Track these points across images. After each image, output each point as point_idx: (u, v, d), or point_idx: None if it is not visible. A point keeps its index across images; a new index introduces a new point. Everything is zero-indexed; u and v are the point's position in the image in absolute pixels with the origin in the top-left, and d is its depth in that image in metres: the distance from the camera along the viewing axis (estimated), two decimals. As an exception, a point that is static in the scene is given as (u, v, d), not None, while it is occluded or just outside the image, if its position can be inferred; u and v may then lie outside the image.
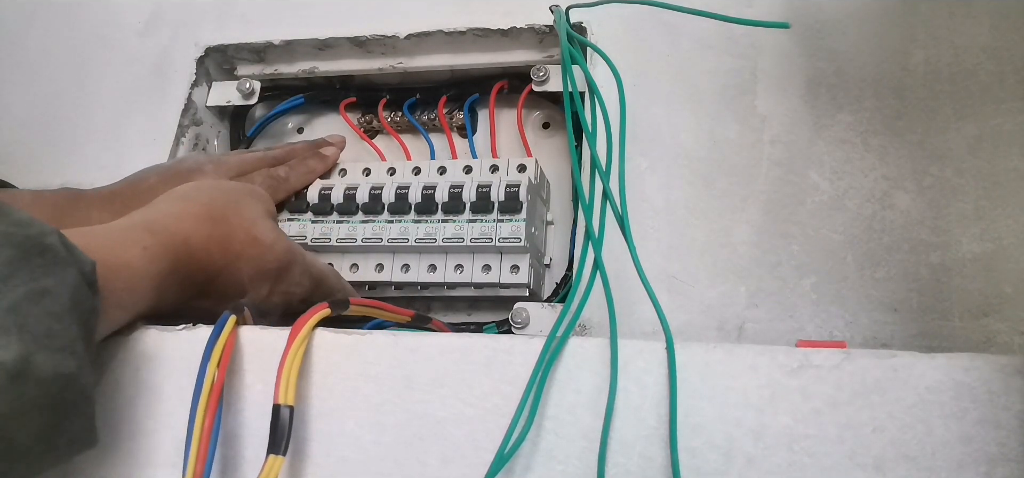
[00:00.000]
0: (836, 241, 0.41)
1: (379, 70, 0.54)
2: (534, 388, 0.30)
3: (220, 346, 0.31)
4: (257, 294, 0.41)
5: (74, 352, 0.27)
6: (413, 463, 0.30)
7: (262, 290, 0.41)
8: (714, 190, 0.44)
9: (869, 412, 0.28)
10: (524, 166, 0.47)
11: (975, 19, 0.44)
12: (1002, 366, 0.27)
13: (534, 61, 0.51)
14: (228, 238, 0.40)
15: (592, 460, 0.29)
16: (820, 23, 0.46)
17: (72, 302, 0.28)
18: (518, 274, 0.45)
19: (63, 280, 0.28)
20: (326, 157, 0.52)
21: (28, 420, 0.26)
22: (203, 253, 0.38)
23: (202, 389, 0.29)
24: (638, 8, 0.46)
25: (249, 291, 0.40)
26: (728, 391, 0.29)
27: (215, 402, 0.29)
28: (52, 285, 0.27)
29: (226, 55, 0.57)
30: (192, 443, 0.28)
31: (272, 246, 0.42)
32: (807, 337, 0.39)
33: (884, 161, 0.42)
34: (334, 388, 0.32)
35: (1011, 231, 0.39)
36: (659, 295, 0.33)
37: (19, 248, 0.27)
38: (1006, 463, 0.27)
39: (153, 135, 0.54)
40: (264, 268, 0.41)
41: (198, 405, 0.29)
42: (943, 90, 0.43)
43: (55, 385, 0.26)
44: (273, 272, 0.41)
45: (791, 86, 0.45)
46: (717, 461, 0.28)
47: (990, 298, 0.38)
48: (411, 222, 0.47)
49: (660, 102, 0.47)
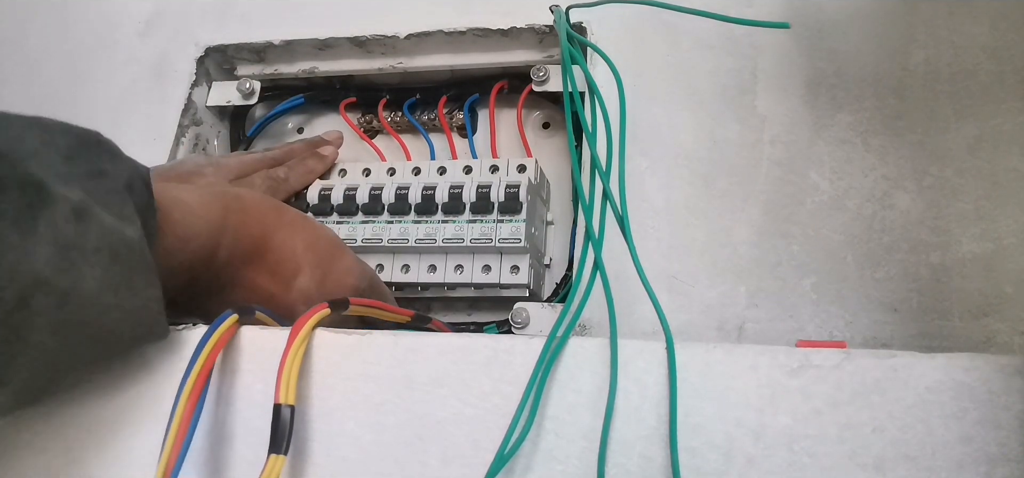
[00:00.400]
0: (836, 241, 0.41)
1: (379, 70, 0.54)
2: (534, 388, 0.30)
3: (214, 339, 0.31)
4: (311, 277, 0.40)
5: (133, 222, 0.29)
6: (413, 463, 0.30)
7: (315, 272, 0.40)
8: (714, 190, 0.44)
9: (869, 412, 0.28)
10: (524, 166, 0.47)
11: (975, 19, 0.44)
12: (1002, 366, 0.27)
13: (534, 61, 0.51)
14: (280, 207, 0.40)
15: (592, 460, 0.29)
16: (820, 23, 0.46)
17: (128, 186, 0.29)
18: (518, 274, 0.45)
19: (119, 168, 0.30)
20: (325, 156, 0.52)
21: (94, 262, 0.27)
22: (256, 210, 0.39)
23: (188, 378, 0.29)
24: (638, 8, 0.46)
25: (305, 266, 0.39)
26: (728, 391, 0.29)
27: (198, 392, 0.29)
28: (110, 169, 0.29)
29: (226, 55, 0.57)
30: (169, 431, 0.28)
31: (322, 227, 0.42)
32: (807, 337, 0.39)
33: (884, 161, 0.42)
34: (334, 388, 0.32)
35: (1011, 231, 0.39)
36: (659, 295, 0.33)
37: (80, 138, 0.29)
38: (1006, 463, 0.27)
39: (153, 135, 0.54)
40: (317, 240, 0.41)
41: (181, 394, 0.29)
42: (943, 90, 0.43)
43: (116, 237, 0.28)
44: (326, 251, 0.41)
45: (791, 86, 0.45)
46: (717, 461, 0.28)
47: (990, 298, 0.38)
48: (411, 223, 0.47)
49: (660, 102, 0.47)
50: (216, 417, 0.32)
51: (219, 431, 0.32)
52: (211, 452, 0.32)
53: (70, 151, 0.28)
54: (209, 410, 0.32)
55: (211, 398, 0.32)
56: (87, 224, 0.27)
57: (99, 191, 0.28)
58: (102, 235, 0.27)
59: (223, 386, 0.33)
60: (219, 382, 0.33)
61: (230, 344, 0.33)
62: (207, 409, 0.32)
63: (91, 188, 0.28)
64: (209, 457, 0.32)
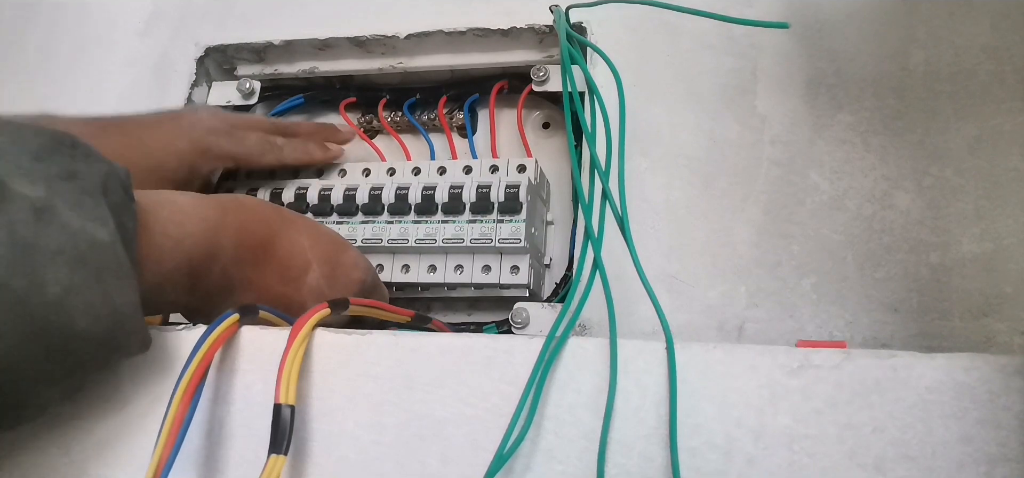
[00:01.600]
0: (836, 241, 0.41)
1: (379, 70, 0.55)
2: (534, 388, 0.30)
3: (212, 339, 0.31)
4: (320, 273, 0.39)
5: (105, 224, 0.27)
6: (413, 463, 0.30)
7: (324, 268, 0.40)
8: (714, 190, 0.44)
9: (869, 412, 0.28)
10: (524, 166, 0.47)
11: (975, 19, 0.44)
12: (1002, 366, 0.27)
13: (534, 61, 0.51)
14: (277, 207, 0.40)
15: (592, 460, 0.29)
16: (820, 23, 0.46)
17: (103, 187, 0.28)
18: (518, 274, 0.45)
19: (93, 169, 0.28)
20: (328, 150, 0.52)
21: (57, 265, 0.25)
22: (256, 209, 0.38)
23: (183, 377, 0.29)
24: (638, 8, 0.46)
25: (314, 261, 0.39)
26: (728, 391, 0.29)
27: (192, 391, 0.29)
28: (83, 169, 0.28)
29: (226, 55, 0.57)
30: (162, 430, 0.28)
31: (320, 224, 0.42)
32: (807, 337, 0.39)
33: (884, 161, 0.42)
34: (334, 388, 0.32)
35: (1011, 231, 0.39)
36: (659, 295, 0.33)
37: (52, 138, 0.28)
38: (1006, 463, 0.27)
39: (153, 135, 0.54)
40: (321, 239, 0.40)
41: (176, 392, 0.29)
42: (943, 90, 0.43)
43: (82, 239, 0.26)
44: (331, 247, 0.41)
45: (791, 86, 0.45)
46: (717, 461, 0.28)
47: (990, 298, 0.38)
48: (411, 223, 0.47)
49: (660, 102, 0.47)
50: (216, 417, 0.32)
51: (219, 431, 0.32)
52: (211, 452, 0.32)
53: (40, 151, 0.27)
54: (209, 410, 0.32)
55: (211, 398, 0.33)
56: (47, 224, 0.25)
57: (67, 191, 0.27)
58: (66, 236, 0.26)
59: (223, 386, 0.33)
60: (219, 382, 0.33)
61: (230, 344, 0.33)
62: (207, 409, 0.32)
63: (59, 188, 0.26)
64: (209, 457, 0.32)
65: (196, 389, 0.30)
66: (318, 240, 0.40)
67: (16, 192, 0.25)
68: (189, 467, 0.32)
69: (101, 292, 0.27)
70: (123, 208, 0.29)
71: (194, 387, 0.30)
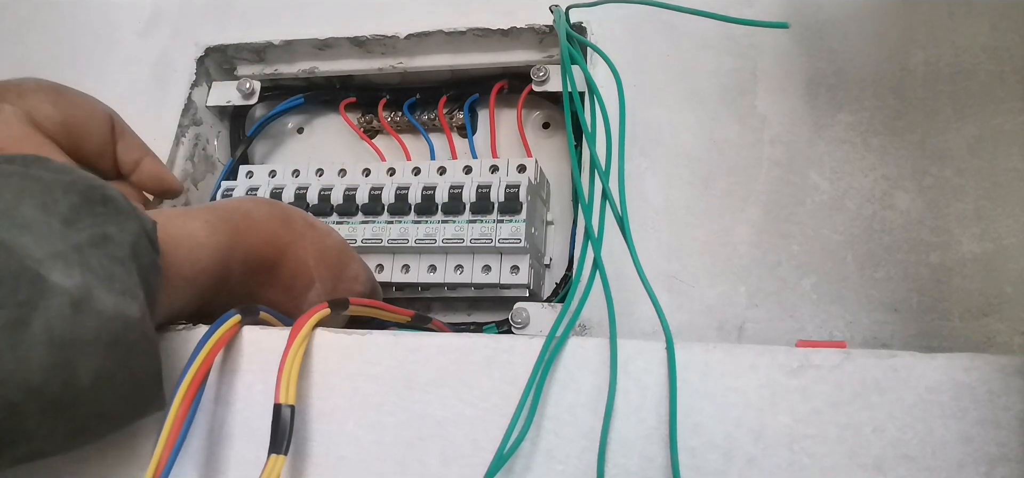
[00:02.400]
0: (836, 241, 0.41)
1: (379, 70, 0.55)
2: (534, 388, 0.30)
3: (214, 340, 0.31)
4: (322, 290, 0.40)
5: (135, 298, 0.27)
6: (413, 463, 0.30)
7: (327, 285, 0.40)
8: (714, 190, 0.44)
9: (869, 412, 0.28)
10: (524, 166, 0.47)
11: (975, 19, 0.44)
12: (1002, 366, 0.27)
13: (534, 61, 0.51)
14: (288, 217, 0.40)
15: (592, 460, 0.29)
16: (820, 23, 0.46)
17: (133, 251, 0.28)
18: (518, 274, 0.45)
19: (125, 229, 0.28)
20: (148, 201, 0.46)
21: (90, 354, 0.25)
22: (265, 227, 0.38)
23: (185, 378, 0.29)
24: (638, 8, 0.46)
25: (317, 279, 0.40)
26: (728, 391, 0.29)
27: (194, 392, 0.29)
28: (114, 232, 0.27)
29: (226, 55, 0.57)
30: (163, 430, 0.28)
31: (329, 232, 0.42)
32: (807, 337, 0.39)
33: (884, 161, 0.42)
34: (334, 388, 0.32)
35: (1011, 231, 0.39)
36: (659, 295, 0.33)
37: (83, 196, 0.27)
38: (1006, 463, 0.27)
39: (153, 135, 0.54)
40: (326, 251, 0.41)
41: (177, 393, 0.29)
42: (943, 90, 0.43)
43: (116, 322, 0.26)
44: (335, 258, 0.41)
45: (791, 86, 0.45)
46: (717, 461, 0.28)
47: (990, 298, 0.38)
48: (411, 223, 0.47)
49: (660, 102, 0.47)
50: (216, 417, 0.32)
51: (219, 431, 0.32)
52: (211, 452, 0.32)
53: (71, 213, 0.27)
54: (209, 410, 0.32)
55: (211, 398, 0.33)
56: (86, 314, 0.25)
57: (100, 265, 0.26)
58: (101, 323, 0.26)
59: (223, 386, 0.33)
60: (219, 382, 0.33)
61: (231, 344, 0.33)
62: (207, 409, 0.32)
63: (92, 263, 0.26)
64: (209, 457, 0.32)
65: (197, 390, 0.30)
66: (323, 257, 0.40)
67: (54, 285, 0.25)
68: (189, 467, 0.32)
69: (128, 371, 0.27)
70: (151, 268, 0.29)
71: (196, 389, 0.30)
